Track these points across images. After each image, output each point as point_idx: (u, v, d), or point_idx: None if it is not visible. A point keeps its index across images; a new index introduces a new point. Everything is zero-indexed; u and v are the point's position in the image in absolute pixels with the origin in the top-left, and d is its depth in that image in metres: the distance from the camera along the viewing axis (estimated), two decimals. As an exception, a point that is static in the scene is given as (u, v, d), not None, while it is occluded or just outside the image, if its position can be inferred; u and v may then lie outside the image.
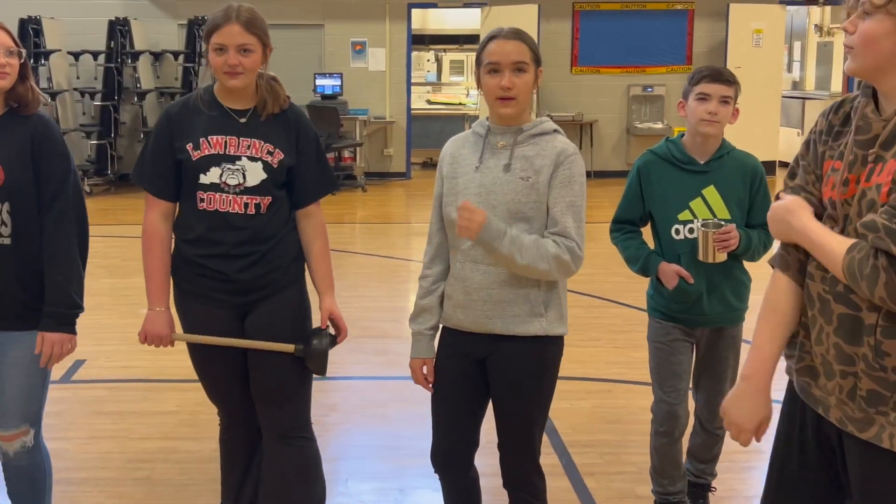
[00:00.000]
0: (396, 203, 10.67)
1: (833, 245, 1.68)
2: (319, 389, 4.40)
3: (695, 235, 2.81)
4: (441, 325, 2.53)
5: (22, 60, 2.47)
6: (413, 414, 4.06)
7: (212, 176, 2.53)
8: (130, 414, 4.11)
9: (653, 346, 2.98)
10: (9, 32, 2.46)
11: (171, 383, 4.44)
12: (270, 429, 2.70)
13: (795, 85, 14.21)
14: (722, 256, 2.78)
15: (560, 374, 2.51)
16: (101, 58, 11.01)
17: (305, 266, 2.74)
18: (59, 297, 2.52)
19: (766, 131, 11.69)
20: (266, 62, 2.59)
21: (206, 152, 2.53)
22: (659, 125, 11.70)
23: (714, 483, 3.19)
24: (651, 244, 2.96)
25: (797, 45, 14.25)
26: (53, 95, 10.50)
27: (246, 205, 2.53)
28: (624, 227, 2.98)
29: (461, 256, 2.41)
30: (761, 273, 2.23)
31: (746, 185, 2.86)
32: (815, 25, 13.74)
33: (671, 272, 2.81)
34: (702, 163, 2.86)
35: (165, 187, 2.60)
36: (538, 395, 2.45)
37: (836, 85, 12.72)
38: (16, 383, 2.56)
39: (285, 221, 2.63)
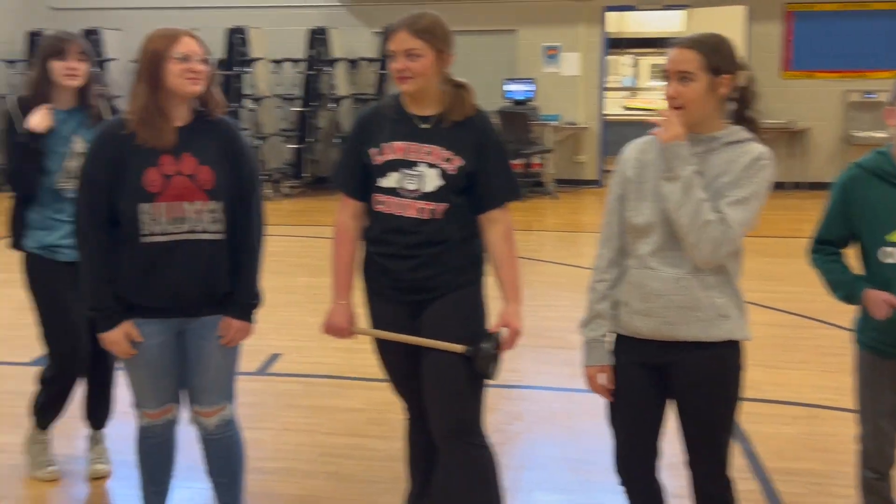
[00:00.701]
0: (588, 211, 10.61)
1: None
2: (504, 397, 4.48)
3: None
4: (616, 333, 2.51)
5: (210, 68, 2.72)
6: (601, 427, 3.96)
7: (390, 180, 2.66)
8: (322, 409, 4.33)
9: (858, 379, 2.79)
10: (198, 40, 2.71)
11: (361, 381, 4.63)
12: (437, 428, 2.78)
13: None
14: None
15: (762, 396, 2.44)
16: (301, 66, 11.67)
17: (484, 271, 2.80)
18: (248, 289, 2.80)
19: None
20: (444, 67, 2.66)
21: (388, 157, 2.66)
22: (881, 134, 10.96)
23: None
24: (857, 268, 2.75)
25: None
26: (256, 101, 11.25)
27: (421, 210, 2.64)
28: (825, 249, 2.77)
29: (637, 262, 2.41)
30: None
31: None
32: None
33: (880, 300, 2.57)
34: None
35: (355, 188, 2.76)
36: (727, 403, 2.44)
37: None
38: (219, 363, 2.83)
39: (462, 226, 2.70)
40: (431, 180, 2.63)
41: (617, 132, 12.59)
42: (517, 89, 11.53)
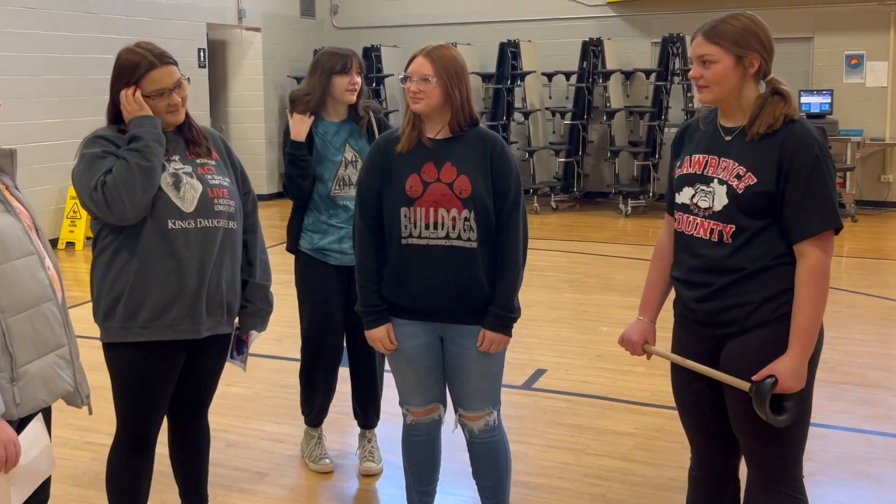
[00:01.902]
0: (893, 236, 9.81)
1: None
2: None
3: None
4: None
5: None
6: (907, 476, 3.70)
7: (684, 196, 2.58)
8: (588, 429, 4.31)
9: None
10: (430, 60, 2.84)
11: (629, 405, 4.57)
12: (749, 477, 2.63)
13: None
14: None
15: None
16: (573, 78, 11.78)
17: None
18: (504, 301, 2.88)
19: None
20: (753, 74, 2.48)
21: (686, 171, 2.58)
22: None
23: None
24: None
25: None
26: (526, 115, 11.50)
27: (711, 231, 2.50)
28: None
29: None
30: None
31: None
32: None
33: None
34: None
35: (671, 204, 2.67)
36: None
37: None
38: (480, 372, 2.93)
39: (759, 257, 2.47)
40: (720, 198, 2.48)
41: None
42: (813, 101, 10.93)
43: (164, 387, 2.85)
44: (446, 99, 2.83)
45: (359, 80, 3.61)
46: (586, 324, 6.08)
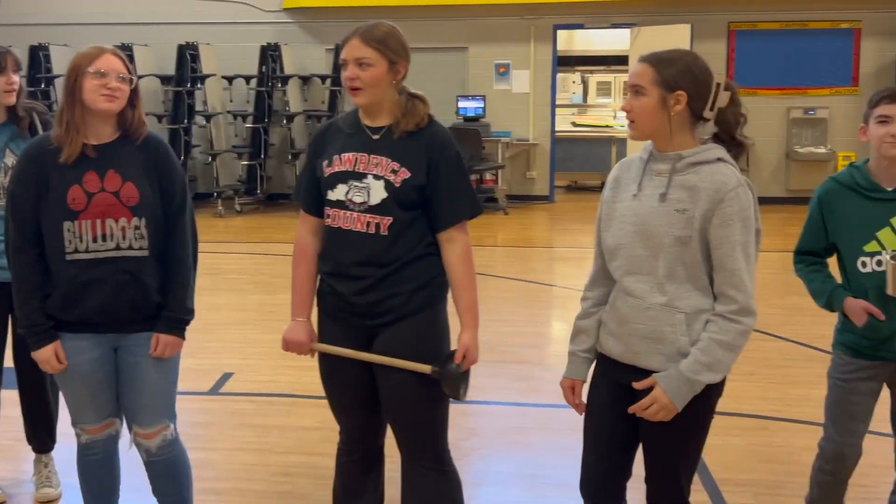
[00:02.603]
0: (539, 227, 10.66)
1: None
2: (460, 413, 4.45)
3: (883, 268, 2.65)
4: (597, 351, 2.50)
5: (133, 87, 2.68)
6: (554, 442, 4.02)
7: (338, 193, 2.57)
8: (274, 428, 4.26)
9: (833, 381, 2.84)
10: (122, 59, 2.67)
11: (315, 399, 4.54)
12: (404, 454, 2.73)
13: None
14: None
15: (713, 408, 2.42)
16: (253, 82, 11.58)
17: (444, 292, 2.70)
18: (178, 304, 2.75)
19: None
20: (398, 79, 2.56)
21: (336, 169, 2.58)
22: (822, 150, 11.22)
23: None
24: (838, 277, 2.83)
25: (979, 63, 13.37)
26: (208, 118, 11.14)
27: (368, 224, 2.54)
28: (807, 259, 2.86)
29: (616, 286, 2.39)
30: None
31: None
32: None
33: (859, 308, 2.66)
34: (889, 189, 2.69)
35: (313, 203, 2.68)
36: (689, 437, 2.37)
37: None
38: (155, 381, 2.76)
39: (412, 247, 2.57)
40: (377, 192, 2.52)
41: (566, 149, 12.73)
42: (469, 106, 11.58)
43: None
44: None
45: (16, 79, 3.22)
46: (273, 324, 5.95)
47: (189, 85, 11.42)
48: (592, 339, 2.48)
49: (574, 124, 13.70)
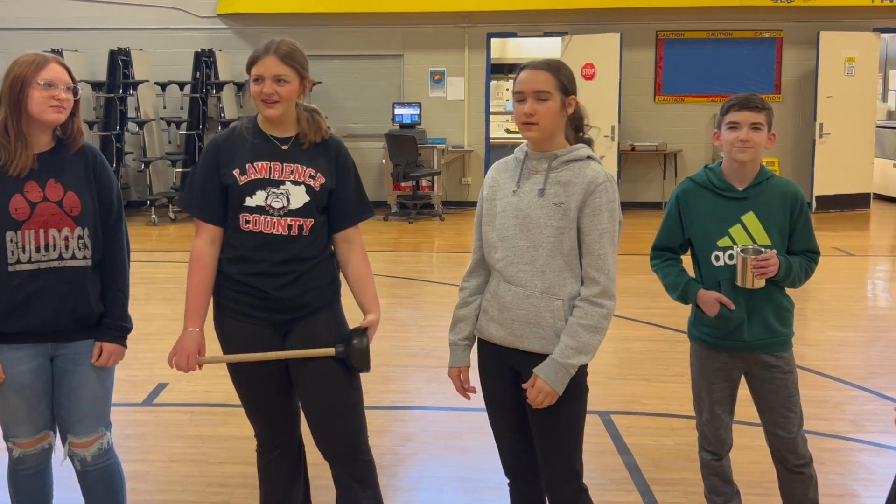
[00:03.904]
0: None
1: None
2: (396, 419, 4.44)
3: (734, 262, 2.84)
4: (476, 337, 2.65)
5: (77, 97, 2.66)
6: (490, 445, 3.97)
7: (257, 199, 2.67)
8: (210, 438, 4.19)
9: (694, 372, 3.02)
10: (67, 68, 2.64)
11: (250, 409, 4.51)
12: (331, 449, 2.79)
13: (891, 115, 13.79)
14: (760, 283, 2.81)
15: (643, 409, 2.48)
16: (187, 88, 11.40)
17: (340, 286, 2.85)
18: (120, 312, 2.74)
19: (859, 162, 11.38)
20: (305, 94, 2.74)
21: (252, 177, 2.68)
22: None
23: None
24: (691, 272, 2.99)
25: (893, 73, 13.86)
26: (141, 125, 10.92)
27: (290, 226, 2.67)
28: (664, 255, 3.03)
29: (497, 275, 2.53)
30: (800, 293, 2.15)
31: (787, 211, 2.88)
32: (913, 52, 13.36)
33: (711, 299, 2.85)
34: (740, 189, 2.89)
35: (213, 212, 2.71)
36: (573, 414, 2.54)
37: (935, 114, 12.32)
38: (95, 389, 2.73)
39: (324, 246, 2.77)
40: (298, 197, 2.68)
41: (500, 155, 12.67)
42: (405, 113, 11.57)
43: None
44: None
45: None
46: (208, 333, 5.85)
47: (121, 91, 11.19)
48: (471, 326, 2.64)
49: (508, 131, 13.79)
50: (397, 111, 11.55)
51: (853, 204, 11.42)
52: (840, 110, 11.14)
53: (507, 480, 2.75)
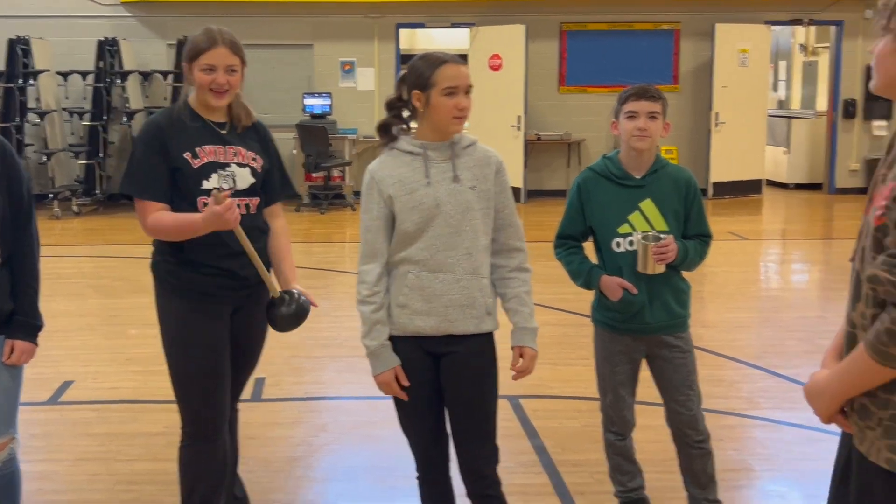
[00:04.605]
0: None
1: (854, 362, 1.67)
2: (309, 410, 4.41)
3: (635, 248, 2.91)
4: (391, 336, 2.57)
5: None
6: (400, 434, 4.04)
7: (212, 182, 2.74)
8: (118, 435, 4.08)
9: (598, 355, 3.10)
10: None
11: (160, 404, 4.39)
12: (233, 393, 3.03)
13: (781, 104, 14.33)
14: (661, 268, 2.90)
15: (549, 392, 2.54)
16: (90, 78, 11.01)
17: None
18: (31, 309, 2.66)
19: (752, 149, 11.78)
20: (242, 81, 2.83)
21: (204, 160, 2.75)
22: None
23: None
24: (594, 259, 3.07)
25: (783, 64, 14.40)
26: (42, 115, 10.50)
27: (239, 206, 2.72)
28: (566, 243, 3.09)
29: (417, 268, 2.52)
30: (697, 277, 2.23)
31: (681, 197, 2.98)
32: (800, 45, 13.89)
33: (614, 285, 2.93)
34: (638, 177, 2.97)
35: (161, 191, 2.74)
36: (492, 386, 2.63)
37: (822, 104, 12.85)
38: (4, 388, 2.62)
39: (265, 222, 2.92)
40: (244, 178, 2.80)
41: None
42: (315, 103, 11.44)
43: None
44: None
45: None
46: (115, 328, 5.72)
47: (21, 81, 10.72)
48: (388, 326, 2.58)
49: (418, 120, 13.79)
50: (308, 101, 11.41)
51: (747, 190, 11.83)
52: (734, 100, 11.51)
53: (417, 475, 2.72)
